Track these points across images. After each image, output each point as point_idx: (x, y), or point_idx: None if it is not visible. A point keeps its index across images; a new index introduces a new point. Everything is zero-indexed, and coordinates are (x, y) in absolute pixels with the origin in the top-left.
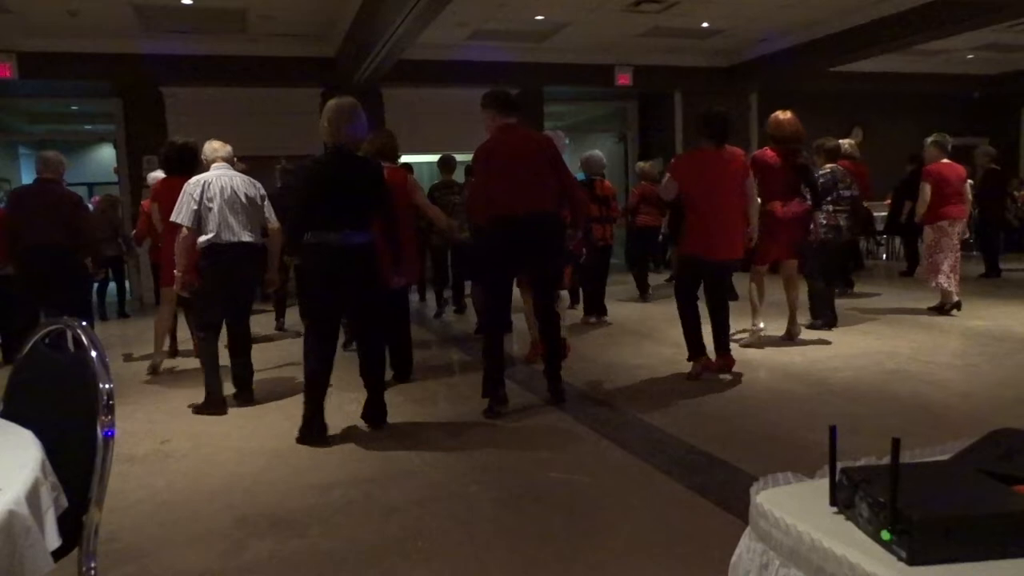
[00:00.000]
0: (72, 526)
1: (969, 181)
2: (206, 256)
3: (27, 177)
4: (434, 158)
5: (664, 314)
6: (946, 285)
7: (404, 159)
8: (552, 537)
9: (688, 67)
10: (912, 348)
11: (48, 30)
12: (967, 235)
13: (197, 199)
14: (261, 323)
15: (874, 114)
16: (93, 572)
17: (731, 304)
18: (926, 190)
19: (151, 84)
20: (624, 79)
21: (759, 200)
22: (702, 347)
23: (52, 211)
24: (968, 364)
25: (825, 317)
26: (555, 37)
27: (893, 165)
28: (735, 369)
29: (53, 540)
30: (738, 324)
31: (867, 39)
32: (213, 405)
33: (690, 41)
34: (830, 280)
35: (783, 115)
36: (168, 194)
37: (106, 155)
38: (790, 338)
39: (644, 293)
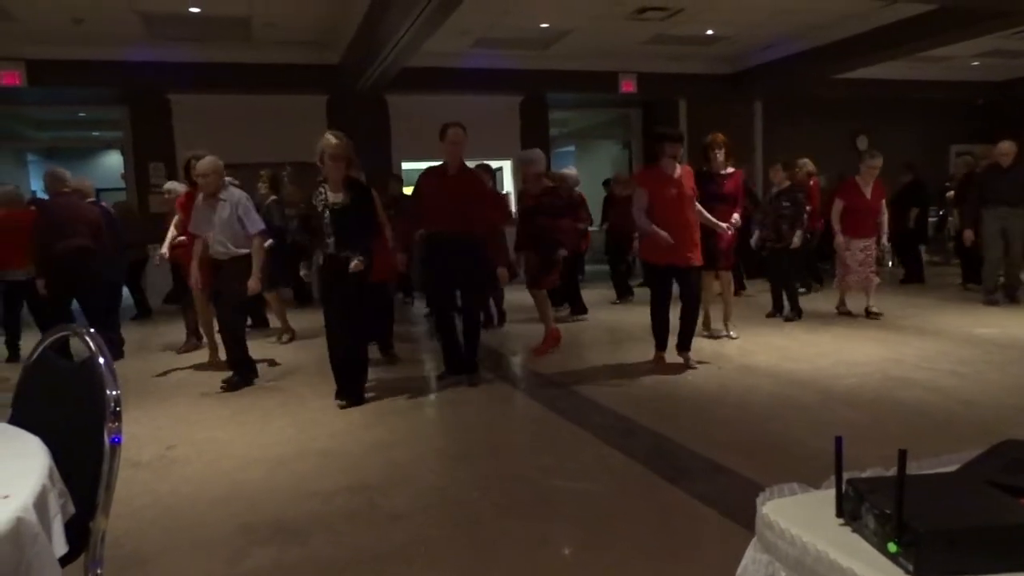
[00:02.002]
0: (78, 532)
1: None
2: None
3: (36, 183)
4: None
5: None
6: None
7: (407, 166)
8: (555, 544)
9: (692, 74)
10: (917, 355)
11: (55, 38)
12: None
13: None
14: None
15: (878, 121)
16: None
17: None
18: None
19: (157, 91)
20: (628, 86)
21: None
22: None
23: (78, 221)
24: (973, 372)
25: (797, 311)
26: (559, 44)
27: (899, 172)
28: (741, 376)
29: (60, 547)
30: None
31: (871, 46)
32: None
33: (694, 48)
34: (801, 279)
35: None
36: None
37: (113, 161)
38: (713, 337)
39: (620, 296)
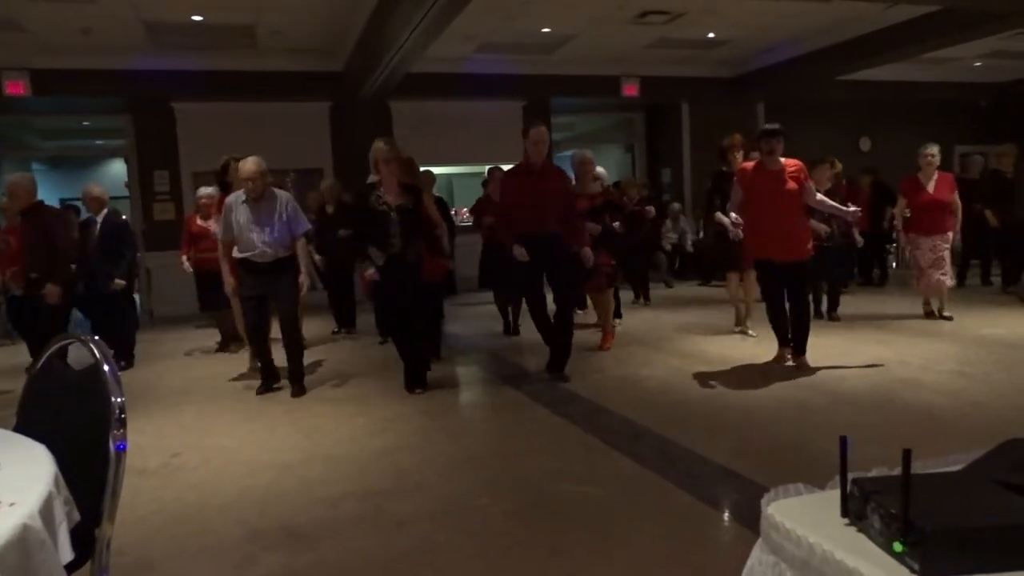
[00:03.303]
0: (84, 539)
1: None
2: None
3: (42, 192)
4: (442, 170)
5: (669, 323)
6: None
7: None
8: (564, 550)
9: (694, 77)
10: (923, 356)
11: (61, 48)
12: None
13: None
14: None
15: (881, 123)
16: None
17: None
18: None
19: (161, 100)
20: (631, 90)
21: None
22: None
23: (71, 231)
24: (980, 372)
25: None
26: (562, 49)
27: (902, 173)
28: (747, 378)
29: (66, 554)
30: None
31: (873, 48)
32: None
33: (696, 52)
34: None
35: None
36: None
37: (117, 170)
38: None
39: (637, 298)
